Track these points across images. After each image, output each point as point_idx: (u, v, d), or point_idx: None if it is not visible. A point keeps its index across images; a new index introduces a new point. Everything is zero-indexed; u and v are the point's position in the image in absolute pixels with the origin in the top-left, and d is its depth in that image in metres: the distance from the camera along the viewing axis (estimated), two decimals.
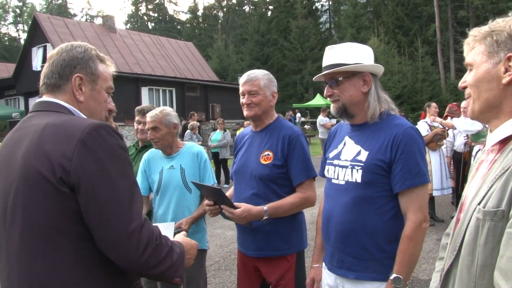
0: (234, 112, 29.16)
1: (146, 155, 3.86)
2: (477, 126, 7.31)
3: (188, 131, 14.91)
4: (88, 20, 66.55)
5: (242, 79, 3.03)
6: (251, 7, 62.45)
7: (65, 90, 1.74)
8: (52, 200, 1.49)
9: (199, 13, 70.09)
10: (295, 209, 2.89)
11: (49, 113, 1.67)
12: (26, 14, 69.92)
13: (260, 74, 3.02)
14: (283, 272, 2.90)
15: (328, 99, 2.46)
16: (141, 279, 1.80)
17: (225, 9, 67.02)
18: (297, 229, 2.92)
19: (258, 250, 2.95)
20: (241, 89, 3.04)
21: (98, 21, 62.24)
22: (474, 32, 1.48)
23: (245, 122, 15.61)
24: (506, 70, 1.37)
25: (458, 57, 42.64)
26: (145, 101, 27.23)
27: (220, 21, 66.01)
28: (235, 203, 2.82)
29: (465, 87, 1.52)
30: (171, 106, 29.84)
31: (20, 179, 1.52)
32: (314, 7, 57.10)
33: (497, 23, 1.42)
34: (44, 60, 27.94)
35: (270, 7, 59.45)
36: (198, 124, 15.04)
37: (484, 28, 1.45)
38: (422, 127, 8.14)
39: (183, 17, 74.73)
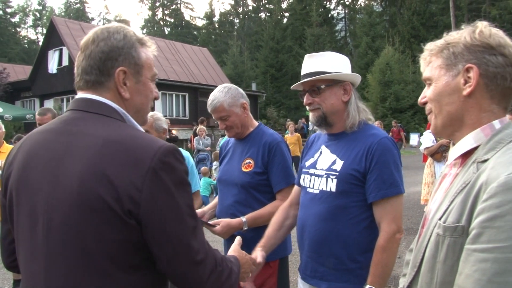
0: None
1: None
2: None
3: (197, 136, 14.98)
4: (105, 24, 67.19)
5: (208, 108, 3.03)
6: (267, 14, 62.70)
7: (109, 87, 1.51)
8: (112, 229, 1.33)
9: (215, 19, 70.50)
10: None
11: (100, 117, 1.46)
12: (45, 17, 71.00)
13: (221, 97, 2.96)
14: (265, 278, 2.88)
15: (308, 107, 2.44)
16: None
17: (241, 15, 67.35)
18: None
19: None
20: (213, 117, 3.06)
21: None
22: (430, 46, 1.46)
23: None
24: (466, 82, 1.35)
25: None
26: (158, 106, 27.40)
27: (235, 27, 66.32)
28: (215, 221, 2.87)
29: (425, 103, 1.50)
30: (184, 111, 30.04)
31: (76, 201, 1.33)
32: (329, 15, 57.19)
33: (452, 35, 1.41)
34: (60, 63, 28.35)
35: (286, 15, 59.67)
36: (203, 128, 15.09)
37: (440, 42, 1.43)
38: (428, 137, 8.03)
39: (199, 22, 75.31)
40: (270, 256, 2.85)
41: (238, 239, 2.07)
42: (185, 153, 3.81)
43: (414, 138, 26.27)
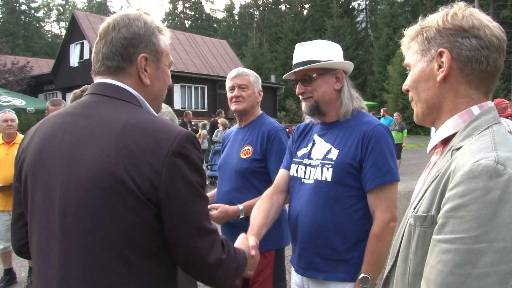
0: (266, 110, 28.61)
1: None
2: None
3: (218, 129, 14.99)
4: None
5: (231, 74, 3.08)
6: (287, 5, 62.33)
7: (130, 74, 1.51)
8: (131, 212, 1.33)
9: (235, 11, 70.46)
10: None
11: (119, 102, 1.47)
12: (68, 12, 71.87)
13: (249, 71, 3.10)
14: (261, 268, 2.86)
15: (300, 97, 2.43)
16: None
17: (261, 7, 67.14)
18: (276, 226, 2.87)
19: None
20: (230, 83, 3.08)
21: None
22: (409, 31, 1.42)
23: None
24: (440, 67, 1.30)
25: None
26: (177, 98, 27.59)
27: (255, 19, 66.13)
28: (212, 205, 2.86)
29: (408, 90, 1.45)
30: (203, 103, 30.14)
31: (95, 183, 1.33)
32: (350, 6, 56.61)
33: (427, 19, 1.36)
34: (81, 56, 28.70)
35: (306, 6, 59.23)
36: (225, 122, 15.09)
37: (416, 26, 1.39)
38: None
39: (220, 15, 75.36)
40: (266, 246, 2.83)
41: (253, 240, 2.08)
42: None
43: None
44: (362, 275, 2.16)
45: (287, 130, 3.63)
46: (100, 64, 1.52)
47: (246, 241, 2.01)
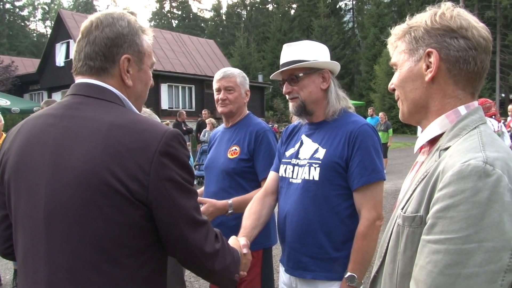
0: (253, 110, 28.66)
1: None
2: None
3: (205, 128, 14.94)
4: None
5: (218, 75, 3.07)
6: (274, 5, 62.33)
7: (112, 74, 1.49)
8: (119, 213, 1.33)
9: (223, 11, 70.36)
10: None
11: (102, 102, 1.45)
12: (53, 11, 71.18)
13: (236, 72, 3.08)
14: (249, 267, 2.88)
15: (287, 96, 2.43)
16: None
17: (248, 7, 67.09)
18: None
19: None
20: (216, 85, 3.07)
21: None
22: (396, 30, 1.42)
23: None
24: (428, 67, 1.30)
25: None
26: (164, 98, 27.48)
27: (243, 19, 66.06)
28: (200, 199, 2.82)
29: (394, 89, 1.45)
30: (190, 103, 30.05)
31: (81, 185, 1.32)
32: (337, 6, 56.85)
33: (415, 18, 1.36)
34: (67, 56, 28.45)
35: (293, 6, 59.35)
36: (213, 121, 15.04)
37: (403, 25, 1.38)
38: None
39: (207, 15, 75.17)
40: (253, 246, 2.84)
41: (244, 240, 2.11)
42: None
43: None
44: (348, 273, 2.17)
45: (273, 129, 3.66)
46: (82, 63, 1.50)
47: (237, 242, 2.01)
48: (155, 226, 1.41)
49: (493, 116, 7.08)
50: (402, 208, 1.27)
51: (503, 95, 41.36)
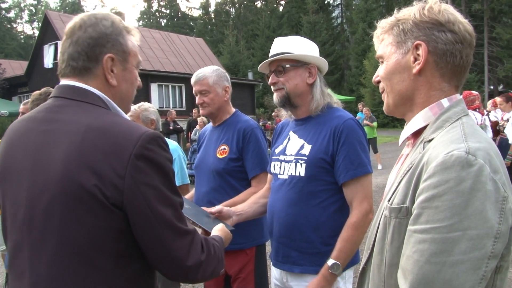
0: (244, 107, 29.13)
1: None
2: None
3: (196, 127, 14.91)
4: None
5: (192, 79, 3.08)
6: (263, 2, 62.31)
7: (96, 74, 1.49)
8: (96, 218, 1.31)
9: (211, 9, 70.23)
10: None
11: (84, 105, 1.43)
12: (40, 12, 70.60)
13: (208, 72, 3.04)
14: (242, 265, 2.91)
15: (272, 88, 2.44)
16: None
17: (236, 5, 66.95)
18: (256, 223, 2.91)
19: None
20: (194, 89, 3.09)
21: None
22: (382, 24, 1.43)
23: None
24: (415, 59, 1.32)
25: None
26: (154, 97, 27.37)
27: (231, 16, 65.96)
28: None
29: (379, 82, 1.47)
30: (181, 102, 29.98)
31: (58, 190, 1.31)
32: (326, 2, 56.85)
33: (402, 12, 1.38)
34: (55, 57, 28.26)
35: (282, 2, 59.48)
36: (204, 120, 15.01)
37: (391, 19, 1.40)
38: None
39: (195, 13, 74.92)
40: (247, 243, 2.92)
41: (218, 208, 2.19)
42: (173, 144, 3.79)
43: None
44: (333, 261, 2.16)
45: (265, 126, 3.61)
46: (65, 64, 1.50)
47: (223, 227, 1.96)
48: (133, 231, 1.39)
49: (477, 109, 7.13)
50: (389, 200, 1.30)
51: (491, 87, 41.62)
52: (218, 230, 1.91)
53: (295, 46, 2.35)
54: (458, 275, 1.03)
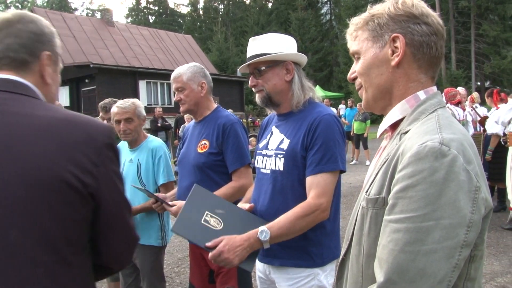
0: (233, 104, 29.12)
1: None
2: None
3: (183, 124, 14.89)
4: (89, 14, 66.62)
5: (171, 78, 3.17)
6: None
7: (33, 70, 1.46)
8: (71, 209, 1.31)
9: (200, 6, 70.01)
10: (231, 199, 2.87)
11: (28, 98, 1.41)
12: (27, 9, 70.01)
13: (183, 70, 3.13)
14: None
15: (253, 89, 2.47)
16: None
17: (225, 1, 66.82)
18: None
19: None
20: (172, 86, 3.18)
21: (99, 15, 62.36)
22: (355, 20, 1.46)
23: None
24: (393, 52, 1.34)
25: (459, 48, 42.37)
26: (142, 95, 27.26)
27: (220, 13, 65.82)
28: (172, 202, 2.99)
29: (355, 78, 1.49)
30: (169, 99, 29.91)
31: (27, 182, 1.27)
32: None
33: (376, 8, 1.41)
34: None
35: None
36: (191, 117, 14.98)
37: (364, 14, 1.43)
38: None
39: (184, 10, 74.74)
40: None
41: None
42: (158, 141, 3.79)
43: None
44: (264, 228, 2.12)
45: (254, 122, 3.59)
46: (2, 55, 1.44)
47: None
48: (96, 220, 1.43)
49: (459, 104, 7.21)
50: (366, 191, 1.32)
51: (478, 83, 41.98)
52: None
53: (269, 45, 2.37)
54: (432, 263, 1.05)
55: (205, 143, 3.02)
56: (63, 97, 26.00)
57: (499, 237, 6.57)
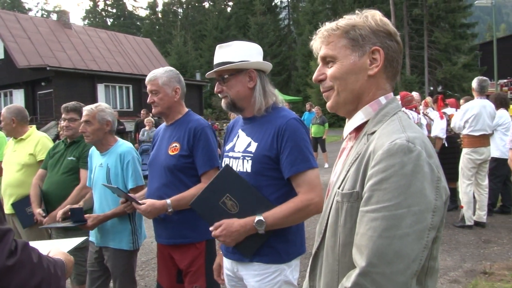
0: (192, 108, 28.11)
1: (90, 150, 3.91)
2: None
3: (144, 127, 14.84)
4: (44, 16, 64.79)
5: (146, 79, 3.21)
6: (210, 3, 62.17)
7: None
8: None
9: (158, 9, 69.37)
10: None
11: None
12: None
13: (159, 73, 3.19)
14: (192, 258, 3.02)
15: (219, 95, 2.58)
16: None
17: (184, 5, 66.47)
18: None
19: (169, 238, 3.09)
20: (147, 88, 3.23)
21: (55, 16, 60.53)
22: (331, 26, 1.56)
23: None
24: (371, 63, 1.48)
25: (413, 54, 43.65)
26: (101, 98, 26.83)
27: (179, 17, 65.42)
28: (142, 201, 3.01)
29: (321, 80, 1.60)
30: (128, 102, 29.57)
31: None
32: (273, 4, 57.46)
33: (354, 19, 1.51)
34: None
35: (230, 4, 59.53)
36: (151, 120, 14.93)
37: (342, 23, 1.52)
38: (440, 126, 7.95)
39: (143, 13, 73.83)
40: (197, 237, 3.03)
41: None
42: (128, 145, 3.80)
43: None
44: (261, 218, 2.28)
45: (212, 126, 3.69)
46: None
47: (59, 250, 1.75)
48: None
49: (414, 109, 7.60)
50: (339, 187, 1.45)
51: (431, 88, 43.39)
52: (55, 253, 1.70)
53: (233, 54, 2.48)
54: (406, 245, 1.20)
55: (176, 146, 3.08)
56: (18, 100, 25.33)
57: (451, 234, 6.84)
